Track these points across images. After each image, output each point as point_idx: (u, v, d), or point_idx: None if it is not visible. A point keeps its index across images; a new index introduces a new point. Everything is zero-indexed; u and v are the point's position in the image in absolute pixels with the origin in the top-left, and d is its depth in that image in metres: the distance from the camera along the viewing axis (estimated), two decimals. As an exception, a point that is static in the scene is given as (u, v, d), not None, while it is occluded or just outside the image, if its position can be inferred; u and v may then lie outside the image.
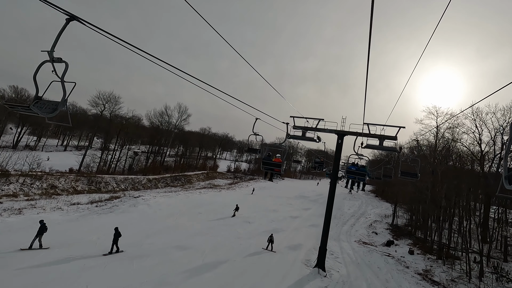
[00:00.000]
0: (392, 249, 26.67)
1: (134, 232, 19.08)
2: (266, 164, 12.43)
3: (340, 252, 23.49)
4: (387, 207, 52.48)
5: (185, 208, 29.07)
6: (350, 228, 33.36)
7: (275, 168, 12.48)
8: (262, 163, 12.52)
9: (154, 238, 18.72)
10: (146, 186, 47.64)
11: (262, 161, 12.52)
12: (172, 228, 21.52)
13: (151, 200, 30.15)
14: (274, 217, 31.03)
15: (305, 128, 19.45)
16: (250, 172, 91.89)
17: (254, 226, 26.06)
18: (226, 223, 25.78)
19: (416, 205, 35.47)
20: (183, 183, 57.76)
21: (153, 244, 17.55)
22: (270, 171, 13.39)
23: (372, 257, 23.59)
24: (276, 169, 12.45)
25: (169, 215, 25.45)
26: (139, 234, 19.02)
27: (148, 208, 26.76)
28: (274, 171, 12.99)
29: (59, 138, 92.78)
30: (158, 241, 18.12)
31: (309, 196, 54.12)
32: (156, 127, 61.16)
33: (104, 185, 39.37)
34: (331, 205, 18.73)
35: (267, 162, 12.46)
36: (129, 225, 20.49)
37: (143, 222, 22.18)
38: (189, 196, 36.63)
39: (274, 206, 38.41)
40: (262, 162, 12.48)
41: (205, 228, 22.90)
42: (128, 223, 20.79)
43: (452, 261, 24.09)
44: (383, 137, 17.59)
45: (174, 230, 21.08)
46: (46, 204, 25.07)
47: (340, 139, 19.11)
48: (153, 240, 18.22)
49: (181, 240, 19.04)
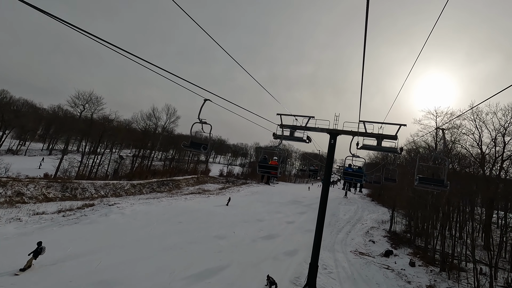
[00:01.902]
0: (392, 260, 24.33)
1: (87, 249, 16.23)
2: (263, 167, 12.08)
3: (334, 265, 21.06)
4: (383, 211, 50.39)
5: (164, 217, 26.36)
6: (345, 236, 30.97)
7: (272, 171, 12.13)
8: (258, 166, 12.17)
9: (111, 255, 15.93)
10: (129, 192, 44.67)
11: (258, 164, 12.21)
12: (141, 242, 18.81)
13: (128, 208, 27.39)
14: (262, 226, 28.45)
15: (294, 127, 17.16)
16: (243, 176, 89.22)
17: (240, 237, 23.49)
18: (208, 233, 23.14)
19: (415, 210, 33.32)
20: (171, 188, 54.83)
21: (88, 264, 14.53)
22: (266, 174, 12.74)
23: (370, 271, 21.21)
24: (272, 171, 12.10)
25: (144, 226, 22.74)
26: (90, 251, 16.10)
27: (121, 217, 24.00)
28: (271, 174, 12.45)
29: (44, 142, 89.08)
30: (110, 260, 15.33)
31: (302, 201, 51.66)
32: (144, 129, 58.28)
33: (80, 192, 36.37)
34: (323, 214, 16.27)
35: (264, 165, 12.12)
36: (90, 238, 17.80)
37: (109, 234, 19.41)
38: (173, 202, 33.90)
39: (263, 213, 35.83)
40: (259, 165, 12.16)
41: (181, 240, 20.23)
42: (89, 237, 18.10)
43: (458, 273, 21.85)
44: (382, 137, 15.40)
45: (142, 244, 18.35)
46: (4, 215, 22.17)
47: (333, 139, 16.75)
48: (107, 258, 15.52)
49: (144, 257, 16.39)
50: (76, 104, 45.61)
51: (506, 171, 32.42)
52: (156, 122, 59.56)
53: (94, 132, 46.72)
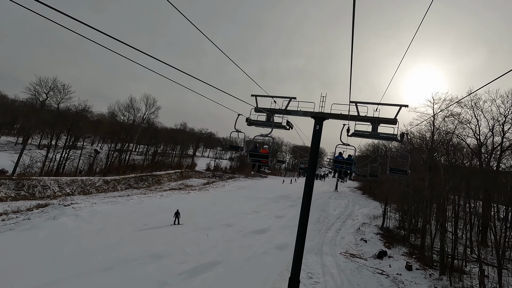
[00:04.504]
0: (386, 263, 21.70)
1: (4, 266, 12.68)
2: (254, 155, 11.81)
3: (321, 273, 18.19)
4: (375, 205, 48.25)
5: (129, 218, 22.86)
6: (335, 235, 28.27)
7: (263, 160, 11.75)
8: (249, 154, 11.91)
9: (36, 275, 12.39)
10: (101, 189, 40.75)
11: (249, 152, 11.93)
12: (86, 253, 15.27)
13: (86, 208, 23.71)
14: (242, 227, 25.32)
15: (271, 110, 13.88)
16: (231, 170, 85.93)
17: (212, 241, 20.30)
18: (175, 238, 19.80)
19: (410, 205, 30.92)
20: (150, 184, 51.07)
21: None
22: (257, 163, 12.19)
23: (362, 277, 18.46)
24: (263, 160, 11.72)
25: (99, 230, 19.21)
26: (6, 269, 12.58)
27: (73, 220, 20.36)
28: (262, 162, 11.97)
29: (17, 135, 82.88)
30: (31, 281, 11.90)
31: (290, 195, 48.86)
32: (120, 121, 53.82)
33: (40, 190, 32.30)
34: (306, 216, 13.13)
35: (254, 154, 11.82)
36: (17, 251, 14.20)
37: (47, 244, 15.79)
38: (144, 200, 30.32)
39: (247, 213, 32.76)
40: (249, 154, 11.88)
41: (139, 249, 16.84)
42: (18, 248, 14.49)
43: (460, 276, 19.40)
44: (378, 121, 12.30)
45: (82, 258, 14.72)
46: None
47: (318, 125, 13.57)
48: (29, 278, 12.02)
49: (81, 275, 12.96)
50: (38, 92, 40.72)
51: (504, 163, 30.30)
52: (134, 113, 55.17)
53: (62, 123, 42.12)
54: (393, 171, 13.94)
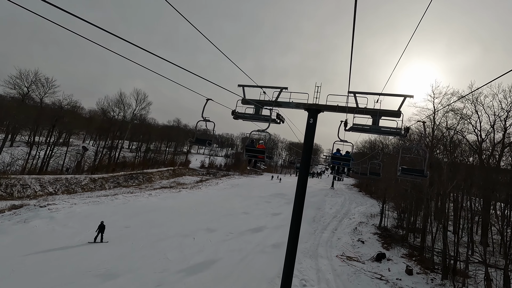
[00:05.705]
0: (384, 267, 20.44)
1: None
2: (250, 151, 11.31)
3: (316, 278, 16.84)
4: (372, 203, 47.13)
5: (109, 220, 21.18)
6: (331, 236, 26.96)
7: (259, 155, 11.26)
8: (245, 150, 11.37)
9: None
10: (88, 188, 38.93)
11: (245, 147, 11.48)
12: (51, 265, 13.65)
13: (64, 209, 21.99)
14: (232, 228, 23.80)
15: (260, 102, 12.32)
16: (226, 167, 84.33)
17: (198, 246, 18.78)
18: (157, 243, 18.22)
19: (408, 204, 29.73)
20: (141, 182, 49.29)
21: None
22: (253, 158, 11.70)
23: (359, 283, 17.16)
24: (259, 155, 11.23)
25: (74, 234, 17.55)
26: None
27: (46, 224, 18.65)
28: (258, 158, 11.53)
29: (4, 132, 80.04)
30: None
31: (287, 194, 47.48)
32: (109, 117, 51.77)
33: (20, 189, 30.41)
34: (299, 219, 11.69)
35: (251, 149, 11.34)
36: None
37: (10, 251, 14.11)
38: (130, 200, 28.64)
39: (238, 213, 31.30)
40: (246, 149, 11.38)
41: (113, 256, 15.26)
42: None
43: (463, 281, 18.21)
44: (380, 113, 10.76)
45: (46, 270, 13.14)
46: None
47: (312, 118, 12.04)
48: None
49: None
50: (18, 85, 38.41)
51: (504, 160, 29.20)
52: (124, 109, 53.14)
53: (46, 119, 39.98)
54: (406, 171, 11.01)
